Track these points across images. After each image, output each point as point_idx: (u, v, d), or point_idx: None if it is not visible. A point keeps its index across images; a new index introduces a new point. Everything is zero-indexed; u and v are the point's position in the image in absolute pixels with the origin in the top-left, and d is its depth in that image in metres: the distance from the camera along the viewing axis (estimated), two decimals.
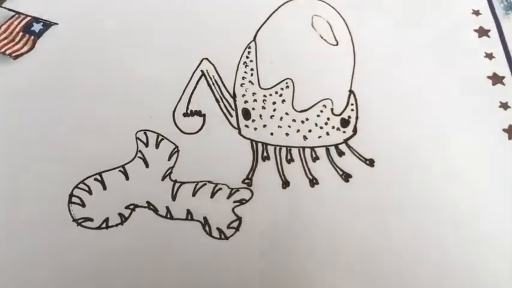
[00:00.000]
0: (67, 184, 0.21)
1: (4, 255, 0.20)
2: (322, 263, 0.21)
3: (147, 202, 0.21)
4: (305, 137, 0.24)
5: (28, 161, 0.22)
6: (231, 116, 0.24)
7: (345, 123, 0.24)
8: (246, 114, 0.24)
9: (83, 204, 0.21)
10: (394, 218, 0.22)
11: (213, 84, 0.25)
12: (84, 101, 0.23)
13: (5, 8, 0.27)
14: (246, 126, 0.24)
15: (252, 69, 0.25)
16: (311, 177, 0.23)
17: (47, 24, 0.26)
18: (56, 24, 0.26)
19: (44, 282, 0.20)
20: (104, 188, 0.22)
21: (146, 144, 0.23)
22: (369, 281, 0.21)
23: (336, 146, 0.24)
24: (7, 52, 0.25)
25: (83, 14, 0.26)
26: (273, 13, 0.27)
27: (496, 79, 0.25)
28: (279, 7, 0.28)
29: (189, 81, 0.25)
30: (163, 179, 0.22)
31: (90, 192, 0.21)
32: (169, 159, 0.23)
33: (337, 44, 0.26)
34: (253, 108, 0.24)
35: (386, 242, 0.21)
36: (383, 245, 0.21)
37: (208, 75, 0.25)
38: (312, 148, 0.24)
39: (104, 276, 0.20)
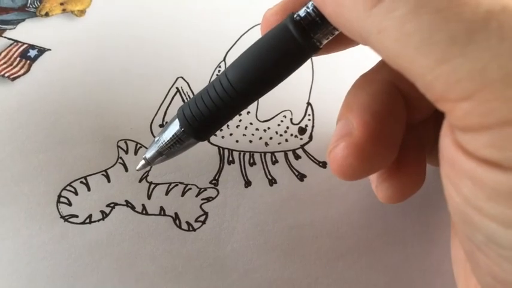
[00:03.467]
0: (56, 186, 0.25)
1: (0, 243, 0.23)
2: (275, 250, 0.24)
3: (126, 201, 0.24)
4: (266, 144, 0.27)
5: (24, 166, 0.25)
6: None
7: (302, 131, 0.28)
8: None
9: (69, 204, 0.24)
10: (342, 210, 0.25)
11: (187, 99, 0.28)
12: (73, 115, 0.26)
13: (4, 37, 0.30)
14: (215, 135, 0.27)
15: None
16: (270, 178, 0.26)
17: (41, 50, 0.29)
18: (49, 50, 0.29)
19: (34, 268, 0.22)
20: (89, 189, 0.25)
21: (126, 152, 0.26)
22: (322, 270, 0.23)
23: (294, 150, 0.27)
24: (6, 75, 0.28)
25: (72, 42, 0.29)
26: (241, 36, 0.31)
27: None
28: (247, 31, 0.31)
29: (165, 97, 0.28)
30: (140, 181, 0.25)
31: (76, 193, 0.24)
32: None
33: None
34: None
35: (336, 231, 0.24)
36: (333, 233, 0.24)
37: (183, 91, 0.28)
38: (272, 153, 0.27)
39: (86, 265, 0.23)
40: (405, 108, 0.19)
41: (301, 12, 0.17)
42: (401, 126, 0.19)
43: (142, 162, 0.21)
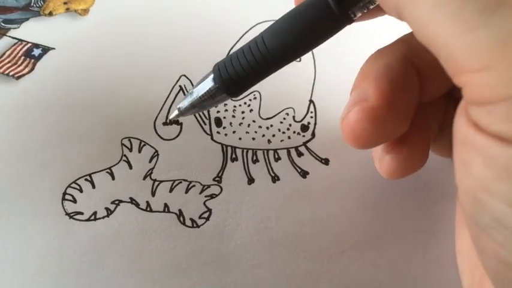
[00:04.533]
0: (61, 184, 0.25)
1: (6, 240, 0.23)
2: (278, 246, 0.24)
3: (130, 198, 0.25)
4: (269, 141, 0.27)
5: (29, 164, 0.25)
6: (205, 124, 0.27)
7: (304, 128, 0.28)
8: (218, 122, 0.28)
9: (74, 201, 0.24)
10: (344, 207, 0.25)
11: None
12: (77, 113, 0.27)
13: (9, 36, 0.31)
14: (218, 132, 0.27)
15: None
16: (273, 175, 0.26)
17: (45, 49, 0.30)
18: (53, 48, 0.29)
19: (39, 265, 0.23)
20: (93, 186, 0.25)
21: (130, 149, 0.26)
22: (325, 266, 0.24)
23: (296, 148, 0.27)
24: (11, 73, 0.29)
25: (76, 40, 0.30)
26: (243, 34, 0.31)
27: None
28: (250, 29, 0.31)
29: (168, 95, 0.28)
30: (144, 178, 0.25)
31: (81, 190, 0.25)
32: (150, 161, 0.26)
33: (300, 61, 0.29)
34: (224, 117, 0.28)
35: (338, 227, 0.24)
36: (335, 229, 0.24)
37: (186, 89, 0.29)
38: (275, 150, 0.27)
39: (91, 261, 0.23)
40: (418, 84, 0.19)
41: None
42: (414, 99, 0.19)
43: (176, 112, 0.22)
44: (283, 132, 0.27)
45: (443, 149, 0.23)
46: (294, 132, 0.27)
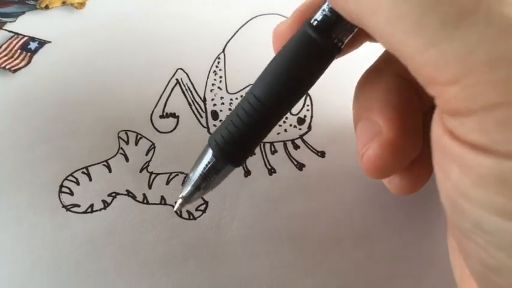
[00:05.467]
0: (58, 177, 0.25)
1: (3, 232, 0.23)
2: (274, 238, 0.24)
3: (127, 190, 0.25)
4: None
5: (26, 157, 0.25)
6: (202, 117, 0.27)
7: (301, 121, 0.28)
8: (215, 115, 0.28)
9: (71, 193, 0.24)
10: (340, 199, 0.25)
11: (186, 90, 0.28)
12: (74, 106, 0.27)
13: (5, 30, 0.31)
14: (214, 125, 0.27)
15: (220, 77, 0.29)
16: (270, 167, 0.26)
17: (42, 43, 0.30)
18: (50, 42, 0.29)
19: (37, 257, 0.23)
20: (90, 179, 0.25)
21: (127, 142, 0.26)
22: (320, 257, 0.24)
23: (293, 140, 0.27)
24: (7, 67, 0.28)
25: (72, 34, 0.30)
26: (240, 28, 0.31)
27: None
28: (246, 22, 0.31)
29: (165, 88, 0.28)
30: (141, 171, 0.25)
31: (77, 183, 0.25)
32: (146, 154, 0.26)
33: None
34: (220, 110, 0.28)
35: (334, 220, 0.25)
36: (331, 222, 0.24)
37: (182, 82, 0.29)
38: (271, 143, 0.27)
39: (88, 253, 0.23)
40: (418, 99, 0.19)
41: (318, 16, 0.17)
42: (420, 116, 0.19)
43: (180, 201, 0.20)
44: (280, 125, 0.27)
45: None
46: (291, 125, 0.27)
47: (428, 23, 0.12)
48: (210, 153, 0.19)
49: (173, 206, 0.24)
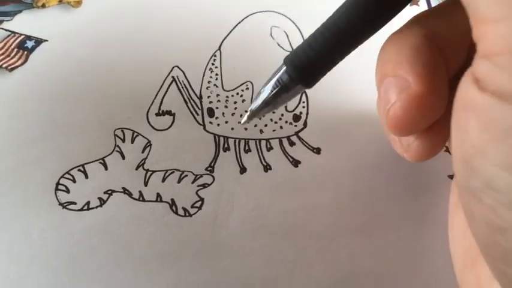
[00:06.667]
0: (54, 174, 0.25)
1: (0, 230, 0.23)
2: (270, 234, 0.24)
3: (123, 188, 0.25)
4: (261, 131, 0.27)
5: (22, 155, 0.25)
6: (197, 114, 0.28)
7: (296, 118, 0.28)
8: (211, 112, 0.28)
9: (67, 191, 0.25)
10: (335, 195, 0.25)
11: (182, 88, 0.28)
12: (70, 104, 0.27)
13: (2, 28, 0.31)
14: (210, 122, 0.27)
15: (216, 74, 0.29)
16: (265, 164, 0.26)
17: (38, 41, 0.30)
18: (46, 40, 0.30)
19: (33, 255, 0.23)
20: (86, 177, 0.25)
21: (123, 140, 0.26)
22: (316, 254, 0.24)
23: (288, 137, 0.27)
24: (4, 65, 0.29)
25: (69, 32, 0.30)
26: (236, 25, 0.31)
27: None
28: (242, 20, 0.31)
29: (161, 86, 0.28)
30: (137, 168, 0.26)
31: (74, 180, 0.25)
32: (142, 152, 0.26)
33: None
34: (216, 108, 0.28)
35: (329, 215, 0.25)
36: (326, 218, 0.25)
37: (178, 80, 0.29)
38: (267, 140, 0.27)
39: (84, 250, 0.23)
40: (444, 62, 0.19)
41: None
42: (446, 78, 0.19)
43: (248, 113, 0.21)
44: (275, 122, 0.27)
45: None
46: (286, 122, 0.27)
47: None
48: (283, 71, 0.20)
49: (169, 204, 0.24)
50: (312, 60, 0.19)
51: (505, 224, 0.13)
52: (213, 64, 0.29)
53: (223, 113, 0.27)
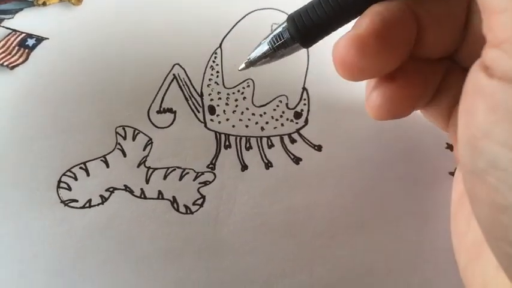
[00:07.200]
0: (56, 172, 0.25)
1: (2, 228, 0.23)
2: (271, 231, 0.24)
3: (124, 185, 0.25)
4: (262, 128, 0.27)
5: (24, 153, 0.25)
6: (199, 112, 0.28)
7: (297, 115, 0.28)
8: (212, 110, 0.28)
9: (69, 188, 0.25)
10: (336, 192, 0.25)
11: (183, 85, 0.28)
12: (71, 102, 0.27)
13: (3, 26, 0.31)
14: (211, 120, 0.27)
15: (217, 72, 0.29)
16: (266, 161, 0.26)
17: (39, 39, 0.30)
18: (47, 38, 0.30)
19: (35, 252, 0.23)
20: (88, 174, 0.25)
21: (124, 138, 0.26)
22: (317, 251, 0.24)
23: (289, 135, 0.27)
24: (5, 63, 0.29)
25: (70, 30, 0.30)
26: (237, 23, 0.31)
27: None
28: (243, 17, 0.31)
29: (162, 84, 0.28)
30: (138, 166, 0.26)
31: (75, 178, 0.25)
32: (144, 149, 0.26)
33: None
34: (217, 105, 0.28)
35: (330, 213, 0.25)
36: (327, 215, 0.25)
37: (179, 78, 0.29)
38: (268, 137, 0.27)
39: (86, 247, 0.23)
40: (415, 32, 0.20)
41: None
42: (408, 41, 0.20)
43: (246, 62, 0.22)
44: (277, 120, 0.27)
45: (437, 116, 0.23)
46: (287, 119, 0.28)
47: None
48: (284, 27, 0.21)
49: (170, 201, 0.24)
50: (313, 22, 0.20)
51: (507, 203, 0.13)
52: (213, 62, 0.29)
53: (224, 111, 0.28)
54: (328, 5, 0.20)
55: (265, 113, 0.27)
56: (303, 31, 0.20)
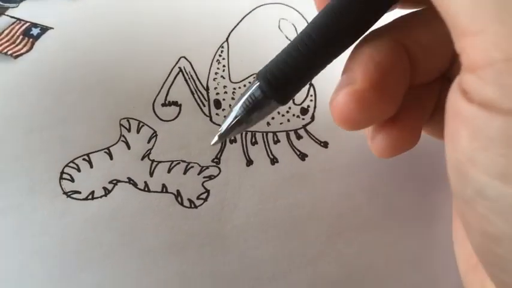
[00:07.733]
0: (59, 163, 0.25)
1: (4, 218, 0.23)
2: (276, 227, 0.24)
3: (128, 178, 0.25)
4: (268, 123, 0.27)
5: (27, 143, 0.25)
6: (204, 105, 0.27)
7: (304, 111, 0.28)
8: (217, 104, 0.27)
9: (72, 180, 0.24)
10: (342, 189, 0.25)
11: (189, 78, 0.28)
12: (76, 93, 0.26)
13: (7, 15, 0.30)
14: (217, 114, 0.27)
15: (224, 66, 0.29)
16: (272, 157, 0.26)
17: (44, 29, 0.29)
18: (52, 28, 0.29)
19: (37, 243, 0.23)
20: (91, 166, 0.25)
21: (129, 130, 0.26)
22: (322, 248, 0.24)
23: (295, 130, 0.27)
24: (9, 52, 0.28)
25: (74, 20, 0.29)
26: (244, 17, 0.31)
27: None
28: (250, 11, 0.31)
29: (167, 77, 0.28)
30: (142, 158, 0.25)
31: (78, 169, 0.25)
32: (148, 142, 0.26)
33: None
34: (223, 99, 0.28)
35: (336, 210, 0.24)
36: (333, 212, 0.24)
37: (185, 71, 0.28)
38: (274, 132, 0.27)
39: (88, 239, 0.23)
40: (409, 66, 0.19)
41: None
42: (403, 82, 0.19)
43: (217, 135, 0.20)
44: (283, 115, 0.27)
45: (438, 131, 0.23)
46: (294, 115, 0.27)
47: None
48: (256, 86, 0.19)
49: (175, 195, 0.24)
50: (287, 75, 0.18)
51: (498, 231, 0.13)
52: (220, 55, 0.29)
53: (229, 105, 0.27)
54: (299, 52, 0.18)
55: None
56: (278, 86, 0.18)
